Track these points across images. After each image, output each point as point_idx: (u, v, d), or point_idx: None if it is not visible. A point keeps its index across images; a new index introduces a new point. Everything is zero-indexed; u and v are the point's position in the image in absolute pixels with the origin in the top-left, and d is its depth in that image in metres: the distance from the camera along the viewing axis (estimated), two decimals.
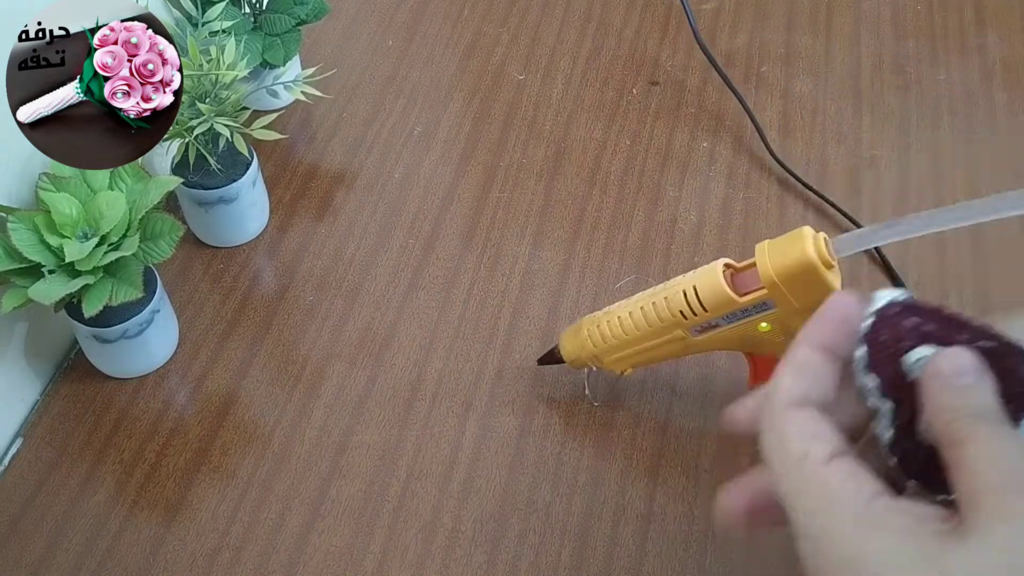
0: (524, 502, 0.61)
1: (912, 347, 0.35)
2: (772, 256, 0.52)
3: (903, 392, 0.35)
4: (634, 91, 0.86)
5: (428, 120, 0.84)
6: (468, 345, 0.69)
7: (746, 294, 0.54)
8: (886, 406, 0.35)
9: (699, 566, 0.58)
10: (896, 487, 0.34)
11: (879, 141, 0.81)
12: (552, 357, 0.65)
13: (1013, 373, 0.35)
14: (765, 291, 0.53)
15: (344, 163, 0.81)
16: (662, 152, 0.81)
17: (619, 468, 0.62)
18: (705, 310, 0.55)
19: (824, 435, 0.34)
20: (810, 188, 0.77)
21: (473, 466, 0.63)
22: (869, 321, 0.36)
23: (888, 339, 0.35)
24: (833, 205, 0.76)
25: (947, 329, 0.35)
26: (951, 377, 0.33)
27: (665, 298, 0.56)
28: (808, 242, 0.51)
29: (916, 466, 0.35)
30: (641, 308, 0.58)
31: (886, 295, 0.36)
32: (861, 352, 0.36)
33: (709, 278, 0.55)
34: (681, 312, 0.56)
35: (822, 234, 0.52)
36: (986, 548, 0.29)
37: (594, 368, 0.63)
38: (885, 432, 0.35)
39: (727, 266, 0.55)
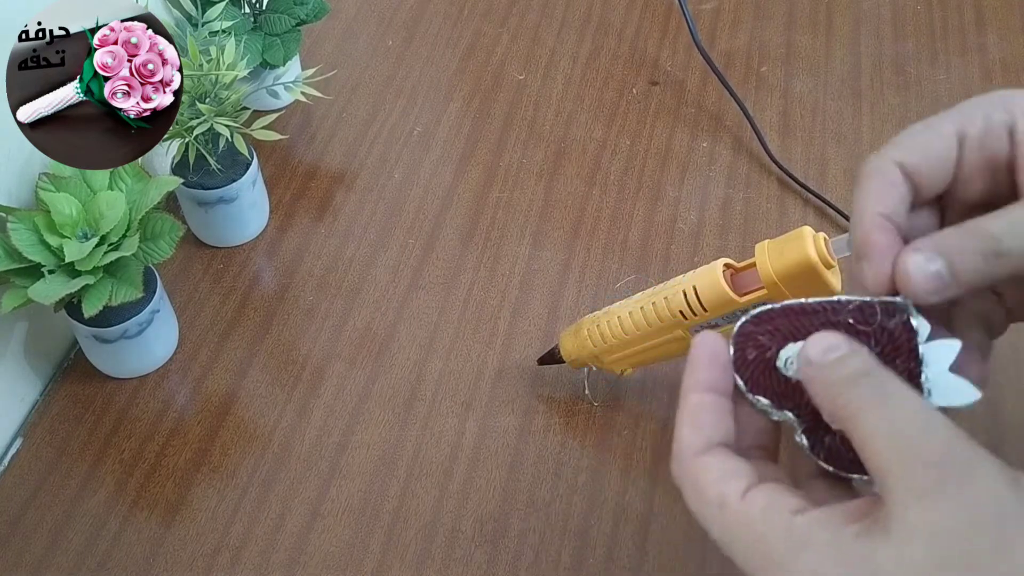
0: (524, 502, 0.61)
1: (778, 351, 0.36)
2: (772, 256, 0.52)
3: (794, 396, 0.35)
4: (634, 91, 0.86)
5: (428, 120, 0.84)
6: (468, 345, 0.69)
7: (746, 294, 0.54)
8: (787, 416, 0.35)
9: (699, 566, 0.58)
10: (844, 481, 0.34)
11: (879, 141, 0.81)
12: (552, 357, 0.65)
13: (884, 330, 0.35)
14: (765, 291, 0.53)
15: (344, 163, 0.81)
16: (662, 152, 0.81)
17: (619, 468, 0.62)
18: (705, 310, 0.55)
19: (734, 472, 0.34)
20: (808, 189, 0.77)
21: (473, 466, 0.63)
22: (731, 347, 0.36)
23: (755, 355, 0.36)
24: (831, 205, 0.76)
25: (801, 319, 0.36)
26: (821, 357, 0.33)
27: (665, 298, 0.56)
28: (808, 242, 0.51)
29: (844, 460, 0.35)
30: (641, 308, 0.58)
31: (742, 317, 0.37)
32: (738, 380, 0.36)
33: (709, 278, 0.55)
34: (681, 312, 0.56)
35: (822, 234, 0.52)
36: (907, 539, 0.29)
37: (594, 368, 0.63)
38: (801, 440, 0.35)
39: (727, 266, 0.55)
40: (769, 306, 0.37)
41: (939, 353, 0.35)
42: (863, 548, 0.30)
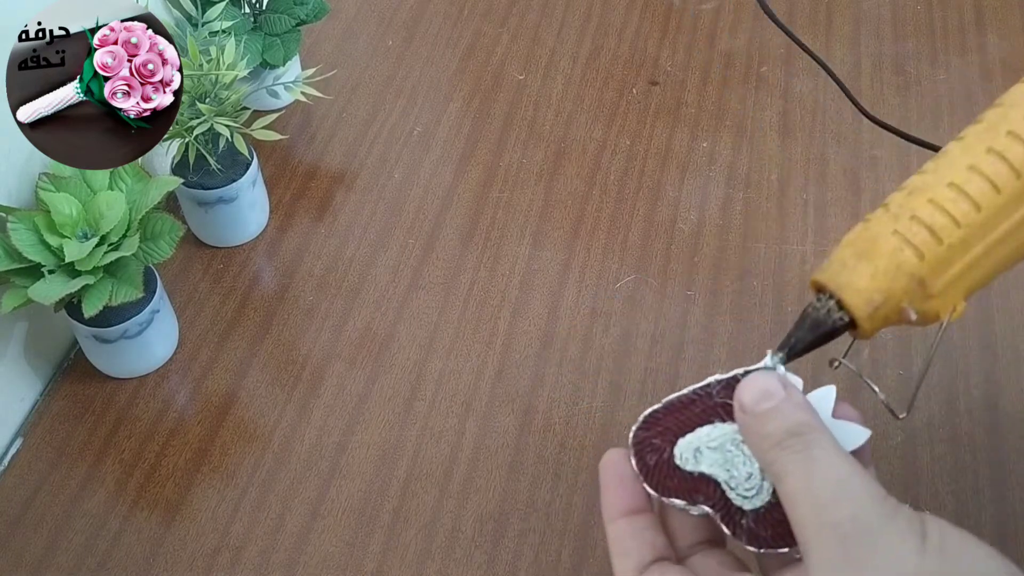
0: (524, 502, 0.61)
1: (672, 450, 0.36)
2: None
3: (703, 488, 0.36)
4: (634, 91, 0.86)
5: (428, 120, 0.84)
6: (468, 345, 0.69)
7: None
8: (703, 510, 0.36)
9: None
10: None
11: (879, 141, 0.81)
12: (820, 325, 0.35)
13: None
14: None
15: (344, 163, 0.81)
16: (662, 152, 0.81)
17: None
18: None
19: None
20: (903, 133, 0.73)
21: (473, 466, 0.63)
22: (632, 458, 0.37)
23: (655, 460, 0.36)
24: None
25: (683, 413, 0.36)
26: (754, 406, 0.34)
27: None
28: None
29: (764, 539, 0.35)
30: (994, 151, 0.34)
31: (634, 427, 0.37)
32: (648, 490, 0.36)
33: None
34: None
35: None
36: None
37: (911, 316, 0.35)
38: (722, 527, 0.35)
39: None
40: (652, 408, 0.37)
41: (818, 403, 0.35)
42: None
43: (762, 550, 0.34)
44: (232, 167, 0.71)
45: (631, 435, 0.37)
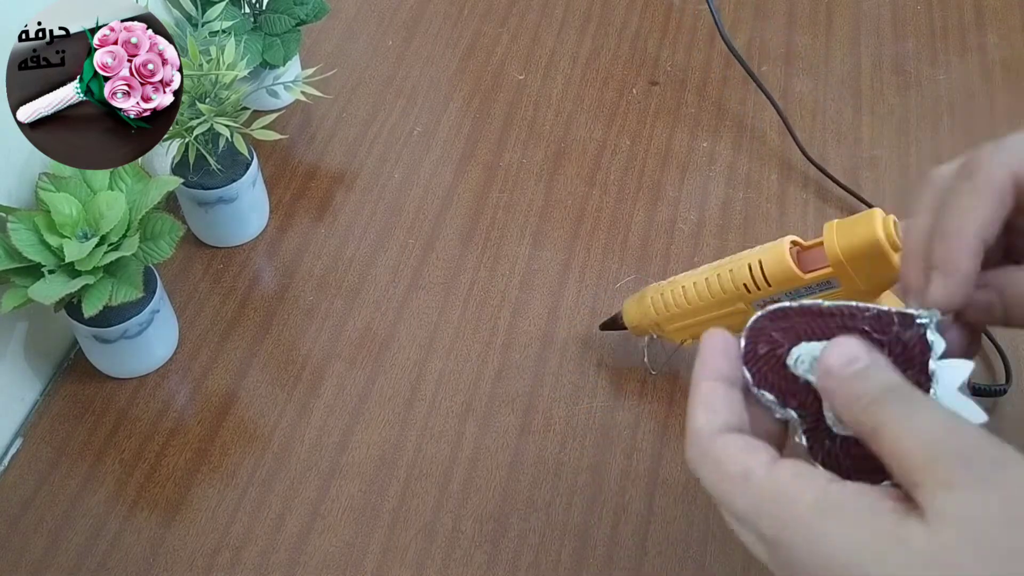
0: (524, 502, 0.61)
1: (790, 348, 0.36)
2: (840, 235, 0.52)
3: (800, 395, 0.36)
4: (634, 91, 0.86)
5: (428, 120, 0.84)
6: (468, 345, 0.69)
7: (811, 272, 0.54)
8: (790, 415, 0.36)
9: (699, 566, 0.58)
10: None
11: (879, 141, 0.81)
12: (614, 323, 0.66)
13: (899, 341, 0.35)
14: (830, 269, 0.52)
15: (344, 163, 0.81)
16: (662, 152, 0.81)
17: (619, 468, 0.62)
18: (769, 285, 0.55)
19: (758, 447, 0.34)
20: (841, 185, 0.76)
21: (473, 466, 0.63)
22: (742, 341, 0.37)
23: (766, 350, 0.36)
24: (864, 201, 0.75)
25: (817, 320, 0.36)
26: (842, 369, 0.33)
27: (730, 271, 0.57)
28: (877, 223, 0.51)
29: (842, 467, 0.35)
30: (706, 279, 0.58)
31: (756, 313, 0.37)
32: (746, 373, 0.36)
33: (775, 253, 0.55)
34: (745, 285, 0.56)
35: (892, 216, 0.52)
36: (941, 526, 0.29)
37: (655, 336, 0.64)
38: (800, 439, 0.35)
39: (794, 243, 0.55)
40: (786, 304, 0.37)
41: (951, 372, 0.35)
42: (898, 526, 0.30)
43: (855, 479, 0.34)
44: (232, 167, 0.71)
45: (751, 320, 0.37)
